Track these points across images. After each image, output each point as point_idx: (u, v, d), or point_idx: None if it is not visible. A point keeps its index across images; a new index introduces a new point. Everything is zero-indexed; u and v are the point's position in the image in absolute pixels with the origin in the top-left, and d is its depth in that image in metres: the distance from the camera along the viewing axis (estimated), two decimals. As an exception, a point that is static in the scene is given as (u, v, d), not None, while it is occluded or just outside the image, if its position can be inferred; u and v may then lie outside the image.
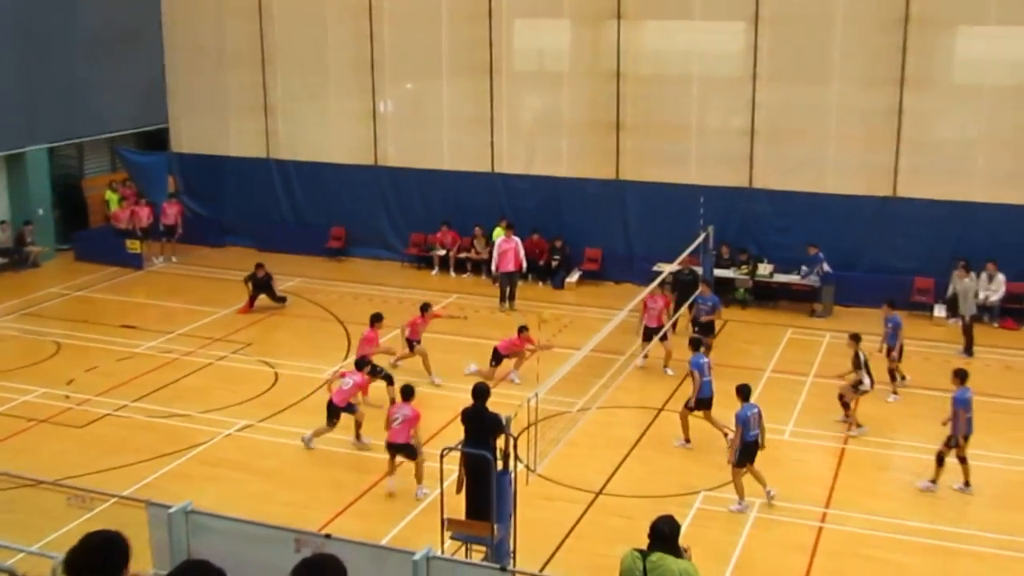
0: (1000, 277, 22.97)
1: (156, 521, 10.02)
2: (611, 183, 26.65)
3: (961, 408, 15.66)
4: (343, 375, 17.55)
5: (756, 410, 15.31)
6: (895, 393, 19.22)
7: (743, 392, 15.46)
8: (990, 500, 15.68)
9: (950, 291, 23.46)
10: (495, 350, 19.84)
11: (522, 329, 20.16)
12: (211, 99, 30.30)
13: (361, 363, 18.03)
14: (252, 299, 24.31)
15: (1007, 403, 19.32)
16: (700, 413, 17.33)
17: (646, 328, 20.58)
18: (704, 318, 20.80)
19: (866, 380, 17.88)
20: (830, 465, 16.76)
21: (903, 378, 19.54)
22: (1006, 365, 21.35)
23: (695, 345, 17.74)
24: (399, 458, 15.62)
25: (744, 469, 15.14)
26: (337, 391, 17.04)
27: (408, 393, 15.78)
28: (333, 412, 16.88)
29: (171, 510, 9.94)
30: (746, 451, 15.09)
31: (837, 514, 15.17)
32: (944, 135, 25.10)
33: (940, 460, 15.75)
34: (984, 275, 22.47)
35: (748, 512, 15.09)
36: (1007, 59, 24.16)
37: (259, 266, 24.62)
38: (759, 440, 15.25)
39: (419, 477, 15.49)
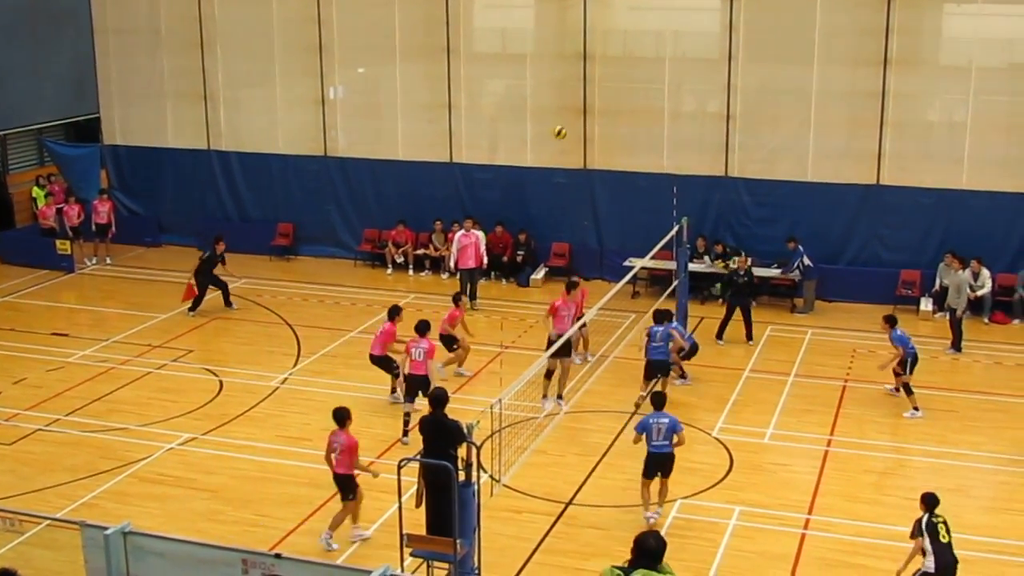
0: (986, 273, 23.32)
1: (92, 544, 10.03)
2: (579, 173, 26.81)
3: (900, 345, 18.75)
4: (409, 349, 18.03)
5: (667, 420, 15.17)
6: (916, 409, 19.02)
7: (656, 400, 15.55)
8: (982, 502, 15.97)
9: (937, 284, 23.82)
10: (441, 336, 20.20)
11: (456, 298, 20.76)
12: (146, 86, 30.14)
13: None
14: (203, 285, 24.16)
15: (997, 400, 19.66)
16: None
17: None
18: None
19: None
20: (813, 469, 16.99)
21: (897, 390, 19.60)
22: (996, 361, 21.71)
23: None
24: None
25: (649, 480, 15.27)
26: (412, 363, 17.82)
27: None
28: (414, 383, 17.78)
29: (108, 532, 9.96)
30: (648, 461, 15.20)
31: (821, 521, 15.41)
32: (930, 119, 25.47)
33: (908, 389, 18.79)
34: (969, 271, 22.79)
35: (729, 520, 15.28)
36: (996, 38, 24.50)
37: (218, 240, 24.60)
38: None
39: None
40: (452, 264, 25.38)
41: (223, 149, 29.76)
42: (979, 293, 23.16)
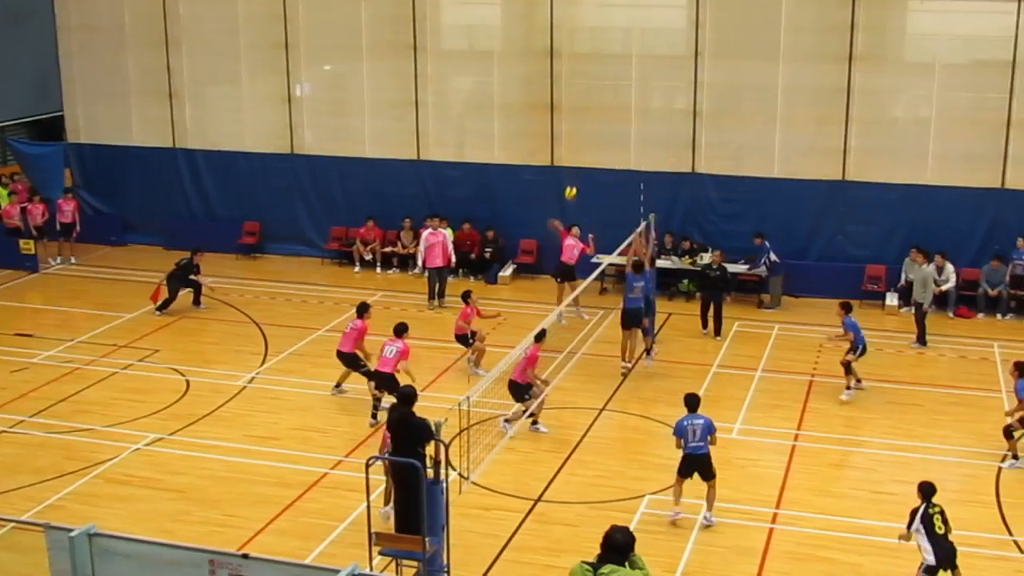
0: (950, 267, 23.55)
1: (56, 546, 9.95)
2: (546, 169, 26.83)
3: (851, 330, 19.36)
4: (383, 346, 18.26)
5: (702, 421, 15.15)
6: (849, 388, 19.60)
7: (690, 402, 15.48)
8: (948, 495, 15.91)
9: (903, 279, 24.00)
10: (457, 336, 20.44)
11: (466, 296, 20.59)
12: (111, 84, 29.91)
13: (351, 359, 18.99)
14: (175, 289, 24.09)
15: (962, 394, 19.84)
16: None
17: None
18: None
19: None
20: (780, 464, 17.09)
21: (858, 381, 19.78)
22: (961, 355, 21.91)
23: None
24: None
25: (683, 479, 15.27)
26: (382, 359, 18.04)
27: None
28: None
29: (73, 533, 9.88)
30: (684, 462, 15.22)
31: (789, 515, 15.50)
32: (896, 115, 25.66)
33: (848, 368, 19.44)
34: (933, 266, 22.98)
35: (697, 515, 15.34)
36: (959, 35, 24.69)
37: (198, 251, 24.60)
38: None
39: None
40: (420, 262, 25.33)
41: (189, 147, 29.59)
42: (943, 288, 23.35)
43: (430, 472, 12.42)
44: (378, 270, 27.55)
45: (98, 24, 29.68)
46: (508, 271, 26.80)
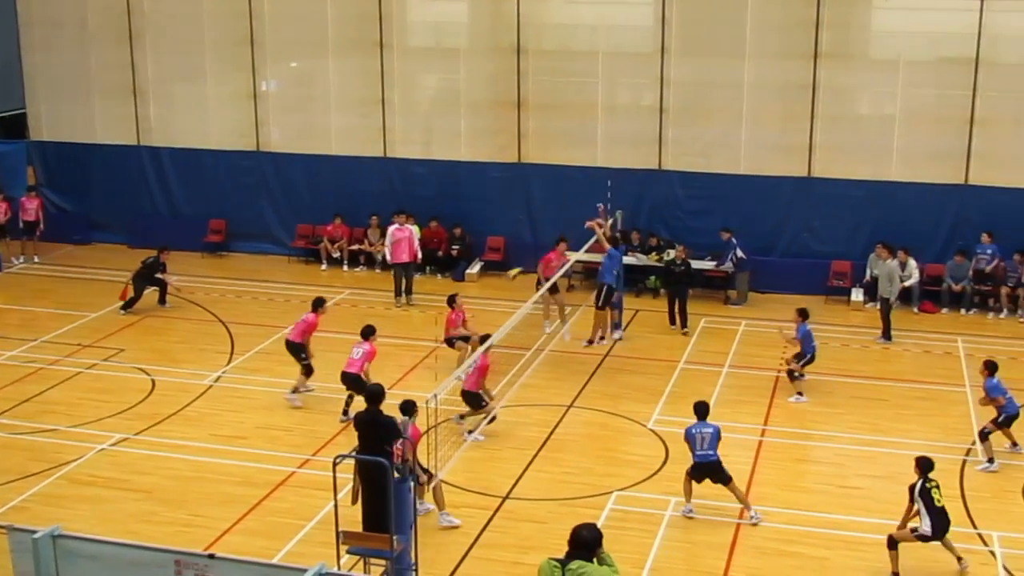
0: (913, 263, 23.71)
1: (20, 548, 9.86)
2: (514, 166, 26.85)
3: (802, 338, 19.39)
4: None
5: (711, 430, 15.23)
6: (800, 394, 19.46)
7: (700, 410, 15.55)
8: (913, 490, 16.21)
9: (868, 274, 24.17)
10: (446, 341, 20.33)
11: (451, 300, 20.43)
12: (74, 81, 29.67)
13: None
14: (140, 288, 23.96)
15: (927, 388, 20.00)
16: None
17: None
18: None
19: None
20: (748, 459, 17.16)
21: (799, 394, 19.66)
22: (925, 350, 22.07)
23: None
24: None
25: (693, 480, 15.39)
26: (349, 360, 17.90)
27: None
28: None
29: (36, 535, 9.79)
30: (694, 469, 15.33)
31: (756, 510, 15.53)
32: (861, 112, 25.88)
33: (792, 376, 19.43)
34: (896, 262, 23.12)
35: (665, 511, 15.40)
36: (923, 32, 24.88)
37: (164, 249, 24.49)
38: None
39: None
40: (388, 258, 25.27)
41: (154, 145, 29.40)
42: (907, 284, 23.51)
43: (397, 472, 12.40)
44: (345, 268, 27.48)
45: (61, 20, 29.43)
46: (476, 268, 26.78)
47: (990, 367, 16.98)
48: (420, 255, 25.41)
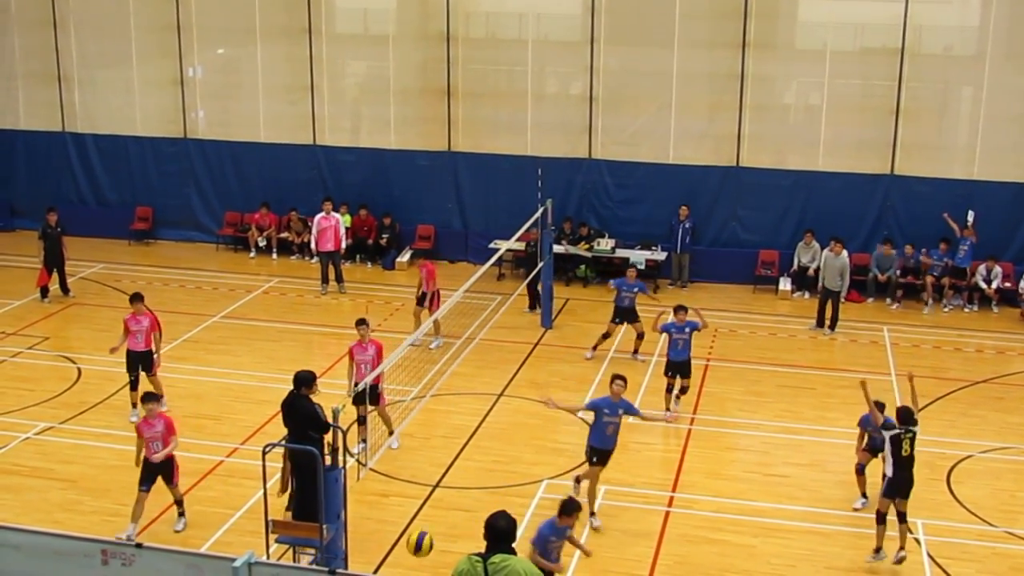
0: (843, 253, 23.99)
1: (-58, 540, 9.75)
2: (443, 155, 26.84)
3: (666, 332, 18.70)
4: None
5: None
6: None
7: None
8: (838, 476, 16.47)
9: (795, 263, 24.51)
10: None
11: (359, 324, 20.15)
12: (-5, 66, 29.22)
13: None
14: (51, 265, 23.51)
15: (852, 377, 20.13)
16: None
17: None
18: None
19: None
20: (676, 448, 17.37)
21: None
22: (851, 339, 22.44)
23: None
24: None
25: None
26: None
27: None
28: None
29: (-42, 526, 9.69)
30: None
31: (684, 498, 15.75)
32: (787, 101, 26.23)
33: (670, 388, 18.63)
34: (846, 253, 23.37)
35: (593, 500, 15.51)
36: (848, 22, 25.32)
37: (51, 210, 23.87)
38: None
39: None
40: (313, 246, 25.11)
41: (78, 131, 28.99)
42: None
43: (328, 459, 12.37)
44: (274, 256, 27.30)
45: (-18, 3, 28.93)
46: (405, 257, 26.75)
47: (881, 407, 15.02)
48: (344, 244, 25.22)
